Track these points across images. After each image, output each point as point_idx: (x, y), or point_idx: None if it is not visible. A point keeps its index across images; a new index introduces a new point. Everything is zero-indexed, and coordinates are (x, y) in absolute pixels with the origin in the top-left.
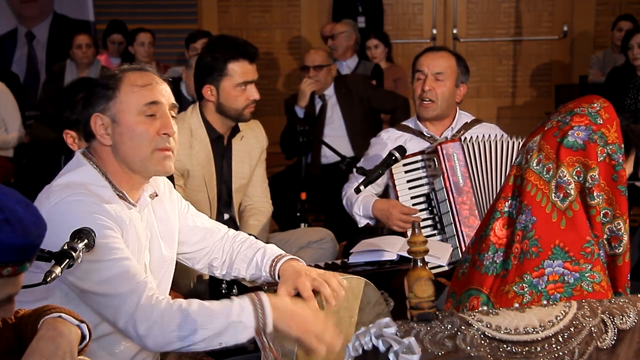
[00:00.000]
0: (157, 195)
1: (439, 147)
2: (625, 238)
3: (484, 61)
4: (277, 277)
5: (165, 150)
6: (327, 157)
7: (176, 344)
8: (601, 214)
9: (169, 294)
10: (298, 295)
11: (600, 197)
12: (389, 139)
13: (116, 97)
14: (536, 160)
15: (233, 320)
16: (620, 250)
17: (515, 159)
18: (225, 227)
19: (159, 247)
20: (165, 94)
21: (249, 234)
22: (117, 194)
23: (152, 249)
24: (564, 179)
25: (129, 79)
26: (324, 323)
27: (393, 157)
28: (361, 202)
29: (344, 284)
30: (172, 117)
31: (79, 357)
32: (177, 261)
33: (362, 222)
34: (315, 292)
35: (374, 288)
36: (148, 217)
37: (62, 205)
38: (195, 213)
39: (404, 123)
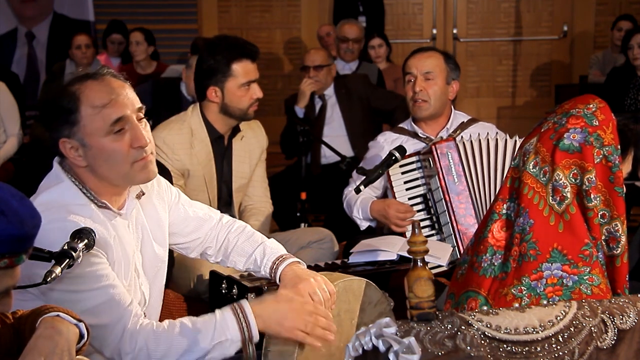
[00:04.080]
0: (144, 194)
1: (433, 147)
2: (623, 239)
3: (484, 61)
4: (277, 280)
5: (143, 160)
6: (327, 157)
7: None
8: (599, 216)
9: (169, 294)
10: None
11: (598, 199)
12: (385, 141)
13: (79, 122)
14: (532, 162)
15: (219, 340)
16: (618, 252)
17: (513, 161)
18: (218, 212)
19: (151, 246)
20: (128, 101)
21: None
22: (99, 206)
23: (144, 249)
24: (560, 182)
25: (87, 99)
26: (311, 315)
27: (393, 157)
28: (359, 205)
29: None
30: (142, 118)
31: (77, 356)
32: (176, 261)
33: (363, 225)
34: None
35: (375, 288)
36: (137, 218)
37: (43, 233)
38: (186, 202)
39: (400, 125)
